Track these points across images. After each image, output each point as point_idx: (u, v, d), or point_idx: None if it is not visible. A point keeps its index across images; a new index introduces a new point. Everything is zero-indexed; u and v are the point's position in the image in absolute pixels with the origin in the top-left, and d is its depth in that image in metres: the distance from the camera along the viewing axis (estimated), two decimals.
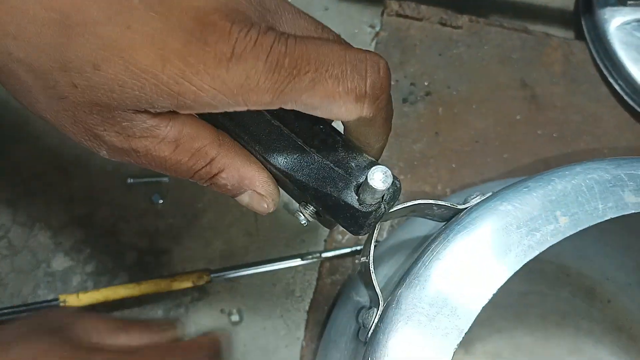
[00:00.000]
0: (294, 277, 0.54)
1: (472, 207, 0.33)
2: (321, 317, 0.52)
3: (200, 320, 0.52)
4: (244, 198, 0.31)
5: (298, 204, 0.33)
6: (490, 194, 0.33)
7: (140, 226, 0.52)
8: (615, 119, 0.59)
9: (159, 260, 0.52)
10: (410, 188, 0.55)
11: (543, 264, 0.48)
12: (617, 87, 0.60)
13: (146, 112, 0.26)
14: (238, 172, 0.29)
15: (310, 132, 0.30)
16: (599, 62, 0.61)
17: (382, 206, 0.30)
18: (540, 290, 0.50)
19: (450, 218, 0.35)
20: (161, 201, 0.53)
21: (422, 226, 0.40)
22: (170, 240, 0.52)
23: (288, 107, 0.26)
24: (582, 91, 0.60)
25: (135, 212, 0.52)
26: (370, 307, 0.33)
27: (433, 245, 0.32)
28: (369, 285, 0.33)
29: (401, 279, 0.32)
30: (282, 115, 0.30)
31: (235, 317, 0.53)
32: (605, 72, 0.60)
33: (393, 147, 0.56)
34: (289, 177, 0.30)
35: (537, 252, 0.30)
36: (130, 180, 0.53)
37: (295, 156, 0.30)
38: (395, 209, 0.32)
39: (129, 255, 0.52)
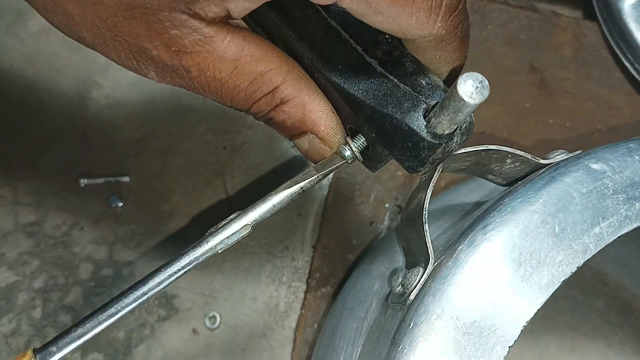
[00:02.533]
0: (278, 290, 0.50)
1: (557, 164, 0.29)
2: (310, 336, 0.47)
3: (168, 343, 0.48)
4: (303, 143, 0.27)
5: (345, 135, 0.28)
6: (579, 151, 0.29)
7: (96, 234, 0.49)
8: (631, 107, 0.56)
9: (120, 273, 0.49)
10: (408, 184, 0.50)
11: (580, 267, 0.44)
12: (633, 72, 0.56)
13: (198, 16, 0.23)
14: (303, 107, 0.26)
15: (374, 40, 0.26)
16: (612, 43, 0.57)
17: (456, 138, 0.25)
18: (573, 295, 0.46)
19: (519, 179, 0.30)
20: (120, 204, 0.50)
21: (472, 193, 0.35)
22: (132, 250, 0.49)
23: (346, 3, 0.22)
24: (595, 76, 0.57)
25: (90, 217, 0.50)
26: (412, 267, 0.29)
27: (506, 200, 0.27)
28: (416, 241, 0.29)
29: (462, 234, 0.27)
30: (342, 16, 0.26)
31: (210, 337, 0.48)
32: (620, 55, 0.57)
33: None
34: (341, 91, 0.26)
35: (635, 225, 0.26)
36: (83, 182, 0.50)
37: (352, 66, 0.25)
38: (464, 150, 0.27)
39: (84, 268, 0.49)
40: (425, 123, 0.25)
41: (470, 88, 0.22)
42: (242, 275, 0.50)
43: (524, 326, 0.25)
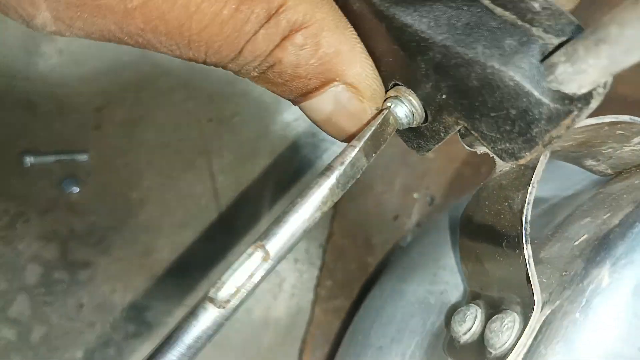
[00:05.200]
0: (277, 299, 0.44)
1: None
2: None
3: None
4: (324, 102, 0.19)
5: (387, 89, 0.20)
6: None
7: (46, 227, 0.45)
8: None
9: (76, 277, 0.44)
10: (443, 168, 0.44)
11: None
12: None
13: None
14: (329, 37, 0.18)
15: None
16: None
17: (593, 102, 0.17)
18: None
19: (636, 166, 0.24)
20: (77, 189, 0.46)
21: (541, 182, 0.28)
22: (92, 248, 0.45)
23: None
24: None
25: (38, 206, 0.46)
26: (494, 308, 0.22)
27: None
28: (500, 267, 0.22)
29: (586, 265, 0.20)
30: None
31: None
32: None
33: None
34: (387, 19, 0.18)
35: None
36: (29, 160, 0.46)
37: None
38: (588, 122, 0.20)
39: (31, 270, 0.45)
40: (545, 74, 0.16)
41: None
42: None
43: None
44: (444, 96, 0.18)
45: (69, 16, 0.16)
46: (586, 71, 0.16)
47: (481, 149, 0.21)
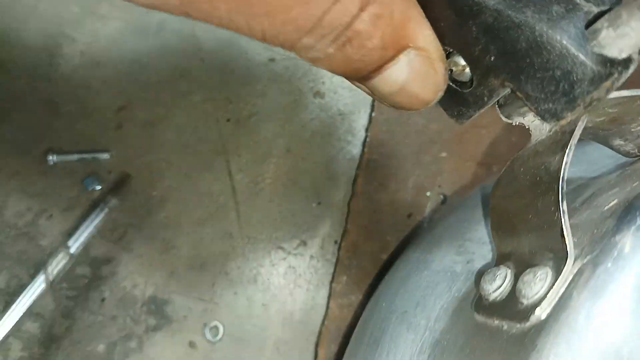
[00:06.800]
0: (293, 295, 0.44)
1: None
2: (336, 355, 0.42)
3: (160, 358, 0.44)
4: (400, 71, 0.19)
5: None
6: None
7: (68, 224, 0.45)
8: None
9: (98, 272, 0.45)
10: (456, 168, 0.44)
11: None
12: None
13: None
14: (399, 6, 0.18)
15: None
16: None
17: (633, 66, 0.18)
18: None
19: None
20: (98, 187, 0.46)
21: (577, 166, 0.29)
22: (113, 245, 0.45)
23: None
24: None
25: (61, 203, 0.46)
26: (525, 266, 0.22)
27: None
28: (533, 227, 0.23)
29: (620, 217, 0.21)
30: None
31: (210, 352, 0.43)
32: None
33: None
34: None
35: None
36: (52, 159, 0.46)
37: None
38: (623, 94, 0.21)
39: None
40: (588, 39, 0.18)
41: None
42: (249, 276, 0.44)
43: None
44: (492, 58, 0.19)
45: None
46: (628, 35, 0.17)
47: (518, 120, 0.22)
